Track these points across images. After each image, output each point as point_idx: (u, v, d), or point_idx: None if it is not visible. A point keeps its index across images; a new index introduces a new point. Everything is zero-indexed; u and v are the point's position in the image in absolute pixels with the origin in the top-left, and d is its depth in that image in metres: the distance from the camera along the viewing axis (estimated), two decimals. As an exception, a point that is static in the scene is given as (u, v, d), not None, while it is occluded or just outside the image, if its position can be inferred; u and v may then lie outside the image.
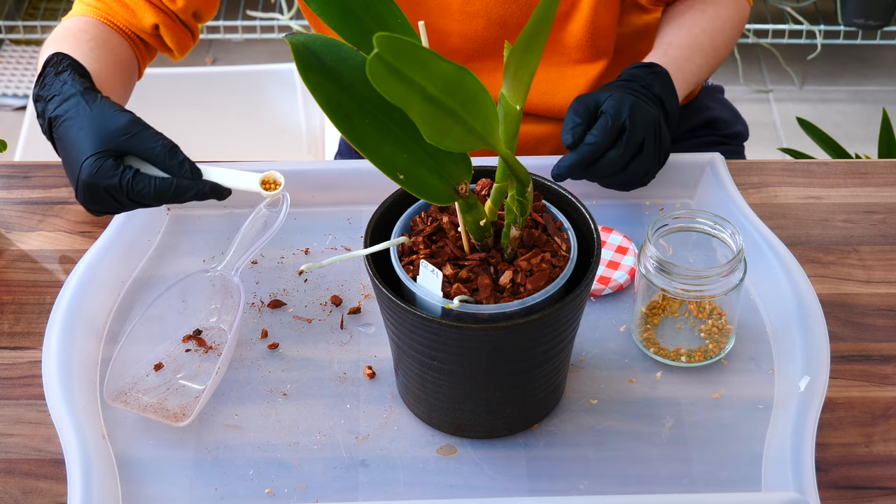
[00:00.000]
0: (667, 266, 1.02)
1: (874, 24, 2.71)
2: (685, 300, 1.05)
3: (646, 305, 1.07)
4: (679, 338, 1.07)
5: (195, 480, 0.99)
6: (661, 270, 1.03)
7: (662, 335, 1.07)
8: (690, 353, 1.06)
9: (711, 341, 1.07)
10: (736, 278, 1.03)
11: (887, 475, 1.00)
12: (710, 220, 1.06)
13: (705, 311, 1.07)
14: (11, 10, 2.94)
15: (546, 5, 0.78)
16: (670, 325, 1.07)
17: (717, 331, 1.07)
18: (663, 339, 1.07)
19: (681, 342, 1.07)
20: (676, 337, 1.07)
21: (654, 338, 1.07)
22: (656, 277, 1.03)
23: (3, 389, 1.07)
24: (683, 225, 1.07)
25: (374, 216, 0.98)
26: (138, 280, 1.16)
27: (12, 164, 1.31)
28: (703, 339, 1.07)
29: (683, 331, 1.07)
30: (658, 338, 1.07)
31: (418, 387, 1.00)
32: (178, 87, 2.42)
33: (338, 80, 0.83)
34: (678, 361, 1.07)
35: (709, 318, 1.07)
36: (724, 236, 1.05)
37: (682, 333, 1.07)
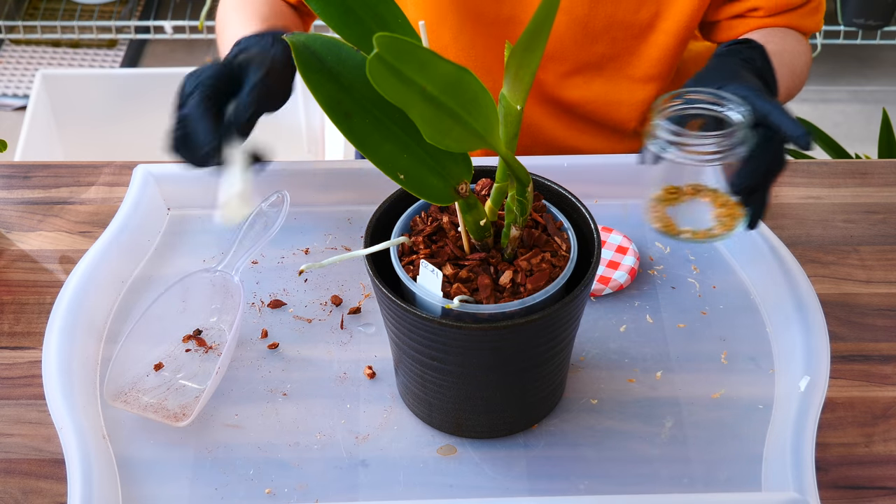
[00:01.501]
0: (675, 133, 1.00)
1: (874, 24, 2.71)
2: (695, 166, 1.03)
3: (657, 192, 1.06)
4: (691, 220, 1.06)
5: (195, 480, 0.99)
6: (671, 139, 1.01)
7: (674, 217, 1.07)
8: (695, 232, 1.05)
9: (720, 224, 1.05)
10: (744, 146, 1.01)
11: (887, 475, 1.00)
12: (711, 97, 1.04)
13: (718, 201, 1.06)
14: (11, 10, 2.94)
15: (547, 5, 0.78)
16: (685, 207, 1.06)
17: (727, 216, 1.05)
18: (674, 220, 1.07)
19: (691, 224, 1.06)
20: (688, 219, 1.06)
21: (665, 218, 1.06)
22: (667, 151, 1.01)
23: (3, 389, 1.07)
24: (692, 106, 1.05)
25: (374, 216, 0.98)
26: (138, 280, 1.16)
27: (12, 164, 1.31)
28: (710, 221, 1.05)
29: (697, 212, 1.06)
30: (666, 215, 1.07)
31: (418, 387, 1.00)
32: (177, 87, 2.42)
33: (338, 79, 0.83)
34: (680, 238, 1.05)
35: (722, 206, 1.05)
36: (725, 113, 1.03)
37: (696, 214, 1.06)
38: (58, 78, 2.41)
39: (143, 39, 2.96)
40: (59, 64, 2.90)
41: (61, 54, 2.92)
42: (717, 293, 1.14)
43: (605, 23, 1.30)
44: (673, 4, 1.29)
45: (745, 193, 1.02)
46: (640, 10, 1.29)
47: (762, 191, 1.03)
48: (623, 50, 1.32)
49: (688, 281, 1.16)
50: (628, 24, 1.30)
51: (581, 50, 1.32)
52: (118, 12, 2.95)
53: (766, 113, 1.02)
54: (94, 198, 1.26)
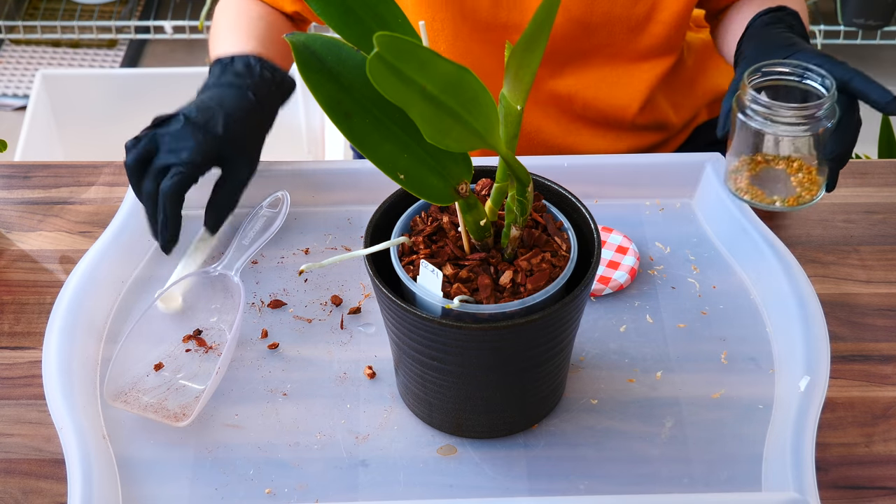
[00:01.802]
0: (765, 105, 1.06)
1: (874, 24, 2.71)
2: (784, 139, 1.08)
3: (739, 159, 1.11)
4: (774, 189, 1.11)
5: (195, 480, 0.99)
6: (762, 109, 1.06)
7: (757, 186, 1.11)
8: (784, 200, 1.10)
9: (804, 189, 1.10)
10: (832, 117, 1.06)
11: (887, 475, 1.00)
12: (800, 70, 1.09)
13: (794, 167, 1.10)
14: (11, 10, 2.94)
15: (547, 6, 0.78)
16: (765, 175, 1.11)
17: (809, 182, 1.10)
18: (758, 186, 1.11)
19: (776, 193, 1.10)
20: (771, 187, 1.11)
21: (748, 187, 1.11)
22: (754, 120, 1.07)
23: (3, 389, 1.07)
24: (775, 78, 1.10)
25: (374, 216, 0.98)
26: (138, 280, 1.16)
27: (12, 164, 1.31)
28: (795, 188, 1.10)
29: (778, 180, 1.10)
30: (752, 186, 1.11)
31: (418, 387, 1.00)
32: (178, 87, 2.41)
33: (338, 79, 0.83)
34: (772, 206, 1.11)
35: (799, 172, 1.10)
36: (813, 85, 1.08)
37: (776, 184, 1.11)
38: (58, 78, 2.42)
39: (143, 39, 2.96)
40: (59, 64, 2.90)
41: (61, 54, 2.92)
42: (717, 293, 1.14)
43: (602, 19, 1.30)
44: None
45: (839, 159, 1.09)
46: (637, 5, 1.30)
47: (847, 157, 1.10)
48: (620, 41, 1.33)
49: (688, 281, 1.16)
50: (625, 17, 1.31)
51: (578, 43, 1.32)
52: (118, 12, 2.95)
53: (849, 80, 1.08)
54: (94, 198, 1.26)
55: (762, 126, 1.07)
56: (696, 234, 1.21)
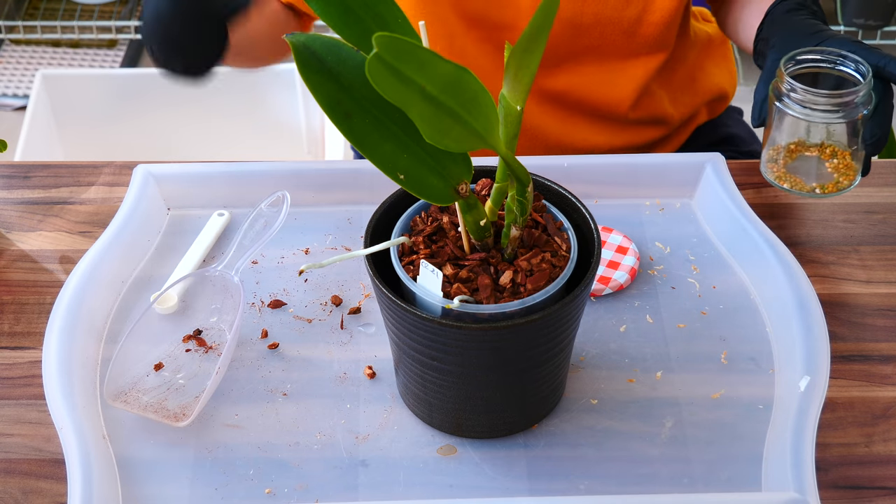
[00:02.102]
0: (803, 92, 1.07)
1: (874, 24, 2.71)
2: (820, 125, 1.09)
3: (775, 148, 1.12)
4: (811, 176, 1.12)
5: (195, 480, 0.99)
6: (800, 96, 1.07)
7: (794, 174, 1.12)
8: (824, 186, 1.11)
9: (841, 175, 1.11)
10: (869, 103, 1.07)
11: (887, 475, 1.00)
12: (834, 57, 1.10)
13: (827, 153, 1.11)
14: (11, 10, 2.94)
15: (547, 6, 0.78)
16: (800, 163, 1.12)
17: (844, 167, 1.11)
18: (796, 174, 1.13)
19: (813, 180, 1.12)
20: (806, 174, 1.12)
21: (786, 175, 1.12)
22: (792, 108, 1.08)
23: (3, 389, 1.07)
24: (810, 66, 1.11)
25: (374, 216, 0.98)
26: (138, 280, 1.16)
27: (12, 164, 1.31)
28: (831, 174, 1.11)
29: (813, 167, 1.12)
30: (790, 175, 1.12)
31: (418, 387, 1.00)
32: (177, 87, 2.41)
33: (338, 79, 0.83)
34: (812, 193, 1.12)
35: (833, 158, 1.11)
36: (848, 71, 1.09)
37: (812, 171, 1.12)
38: (58, 78, 2.42)
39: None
40: (59, 64, 2.90)
41: (61, 54, 2.92)
42: (717, 293, 1.14)
43: (592, 20, 1.31)
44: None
45: (877, 144, 1.10)
46: (628, 7, 1.30)
47: (885, 141, 1.10)
48: (611, 41, 1.33)
49: (688, 281, 1.16)
50: (616, 19, 1.31)
51: (570, 44, 1.33)
52: (118, 12, 2.95)
53: (883, 65, 1.08)
54: (94, 198, 1.26)
55: (800, 114, 1.08)
56: (696, 234, 1.21)
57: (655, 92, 1.42)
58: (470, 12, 1.32)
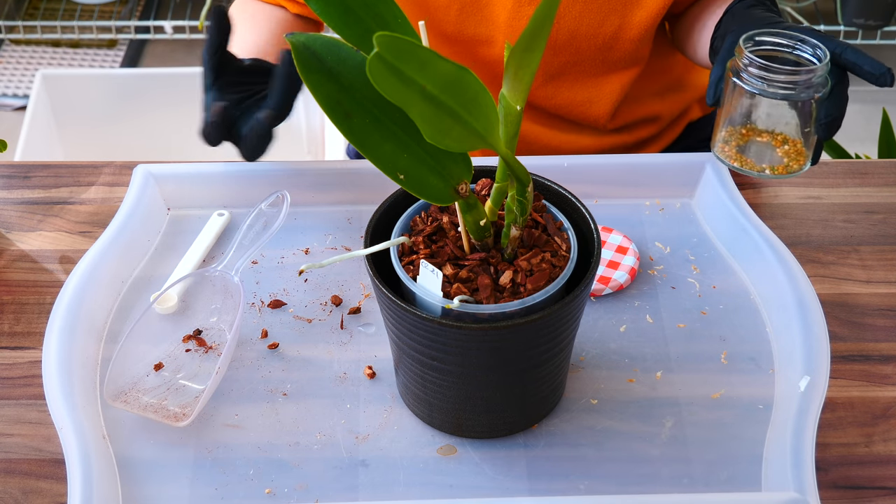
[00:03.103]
0: (761, 68, 1.07)
1: (874, 24, 2.71)
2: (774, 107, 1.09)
3: (729, 128, 1.12)
4: (762, 158, 1.12)
5: (195, 480, 0.99)
6: (758, 72, 1.07)
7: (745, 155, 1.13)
8: (774, 168, 1.11)
9: (791, 160, 1.11)
10: (824, 85, 1.07)
11: (887, 475, 1.00)
12: (793, 40, 1.10)
13: (779, 140, 1.11)
14: (11, 10, 2.94)
15: (547, 5, 0.78)
16: (752, 146, 1.12)
17: (795, 153, 1.11)
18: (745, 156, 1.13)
19: (764, 162, 1.12)
20: (758, 157, 1.12)
21: (736, 155, 1.12)
22: (749, 84, 1.08)
23: (3, 389, 1.07)
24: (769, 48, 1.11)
25: (374, 216, 0.98)
26: (138, 280, 1.16)
27: (12, 164, 1.31)
28: (782, 158, 1.11)
29: (765, 152, 1.12)
30: (740, 154, 1.13)
31: (418, 387, 1.00)
32: (178, 87, 2.42)
33: (338, 79, 0.83)
34: (762, 174, 1.11)
35: (784, 144, 1.11)
36: (806, 56, 1.09)
37: (764, 155, 1.12)
38: (58, 78, 2.42)
39: (143, 39, 2.96)
40: (59, 64, 2.90)
41: (61, 54, 2.93)
42: (717, 293, 1.14)
43: (567, 37, 1.31)
44: (635, 14, 1.30)
45: (828, 127, 1.09)
46: (604, 24, 1.31)
47: (838, 125, 1.10)
48: (587, 58, 1.34)
49: (688, 281, 1.16)
50: (591, 35, 1.31)
51: (545, 62, 1.33)
52: (118, 12, 2.95)
53: (841, 52, 1.08)
54: (94, 198, 1.26)
55: (757, 90, 1.08)
56: (696, 234, 1.21)
57: (637, 98, 1.42)
58: (444, 29, 1.32)
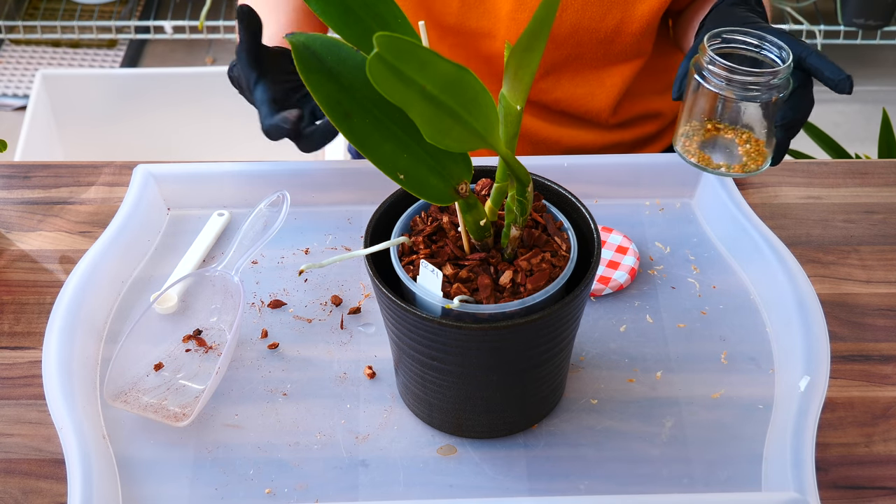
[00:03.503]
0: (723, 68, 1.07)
1: (874, 24, 2.71)
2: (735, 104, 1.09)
3: (690, 124, 1.12)
4: (721, 156, 1.12)
5: (195, 480, 0.99)
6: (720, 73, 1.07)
7: (705, 152, 1.13)
8: (730, 166, 1.11)
9: (750, 159, 1.11)
10: (785, 87, 1.08)
11: (887, 475, 1.00)
12: (758, 39, 1.10)
13: (743, 138, 1.12)
14: (11, 10, 2.94)
15: (547, 5, 0.78)
16: (712, 144, 1.12)
17: (755, 153, 1.11)
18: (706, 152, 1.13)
19: (723, 160, 1.12)
20: (718, 154, 1.12)
21: (696, 151, 1.12)
22: (711, 83, 1.08)
23: (3, 389, 1.07)
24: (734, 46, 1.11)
25: (374, 216, 0.98)
26: (138, 280, 1.16)
27: (12, 164, 1.31)
28: (741, 157, 1.11)
29: (726, 149, 1.12)
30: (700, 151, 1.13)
31: (418, 387, 1.00)
32: (178, 87, 2.42)
33: (338, 79, 0.83)
34: (717, 171, 1.11)
35: (747, 143, 1.11)
36: (770, 56, 1.09)
37: (724, 152, 1.12)
38: (58, 78, 2.42)
39: (143, 39, 2.96)
40: (59, 64, 2.90)
41: (61, 54, 2.92)
42: (717, 293, 1.14)
43: (569, 30, 1.31)
44: (636, 8, 1.30)
45: (787, 128, 1.09)
46: (605, 18, 1.31)
47: (797, 128, 1.10)
48: (588, 51, 1.34)
49: (688, 281, 1.16)
50: (593, 29, 1.31)
51: (546, 55, 1.33)
52: (118, 12, 2.95)
53: (805, 56, 1.08)
54: (94, 198, 1.26)
55: (718, 89, 1.08)
56: (696, 234, 1.21)
57: (639, 94, 1.42)
58: (445, 21, 1.32)
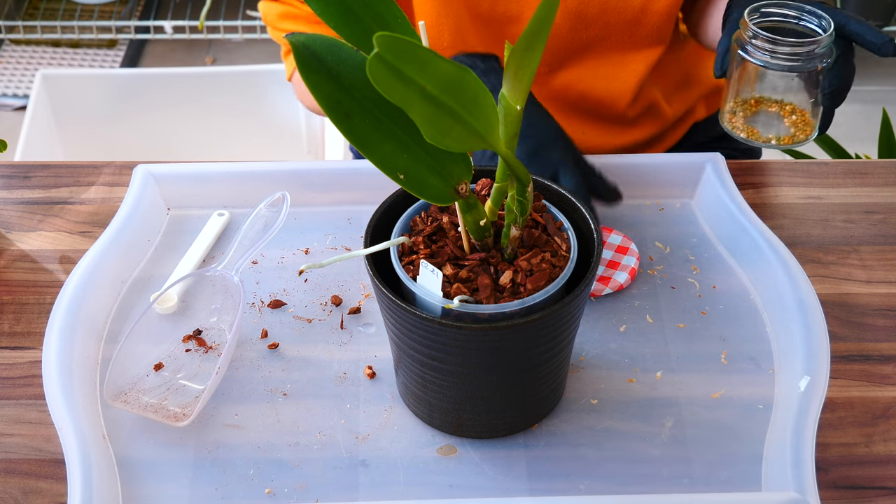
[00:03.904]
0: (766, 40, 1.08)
1: (874, 24, 2.71)
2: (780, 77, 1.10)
3: (735, 99, 1.13)
4: (769, 129, 1.13)
5: (195, 480, 0.99)
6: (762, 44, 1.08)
7: (752, 126, 1.14)
8: (780, 139, 1.12)
9: (798, 130, 1.12)
10: (828, 56, 1.09)
11: (887, 475, 1.00)
12: (797, 11, 1.12)
13: (787, 110, 1.13)
14: (11, 10, 2.94)
15: (547, 5, 0.78)
16: (760, 117, 1.14)
17: (802, 123, 1.12)
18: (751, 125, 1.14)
19: (771, 132, 1.13)
20: (765, 128, 1.14)
21: (743, 126, 1.13)
22: (755, 56, 1.09)
23: (3, 389, 1.07)
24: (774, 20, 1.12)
25: (374, 216, 0.98)
26: (138, 280, 1.16)
27: (12, 164, 1.31)
28: (789, 129, 1.12)
29: (772, 122, 1.13)
30: (747, 125, 1.14)
31: (418, 387, 1.00)
32: (178, 87, 2.42)
33: (338, 79, 0.83)
34: (768, 144, 1.13)
35: (792, 115, 1.12)
36: (810, 26, 1.11)
37: (771, 125, 1.13)
38: (58, 78, 2.42)
39: (143, 39, 2.96)
40: (59, 64, 2.90)
41: (61, 54, 2.93)
42: (717, 293, 1.14)
43: (598, 10, 1.31)
44: None
45: (833, 97, 1.11)
46: None
47: (843, 94, 1.12)
48: (615, 32, 1.34)
49: (688, 281, 1.16)
50: (621, 9, 1.32)
51: (575, 36, 1.33)
52: (118, 12, 2.95)
53: (845, 23, 1.10)
54: (94, 198, 1.26)
55: (763, 62, 1.09)
56: (696, 234, 1.21)
57: (651, 89, 1.42)
58: (480, 9, 1.33)
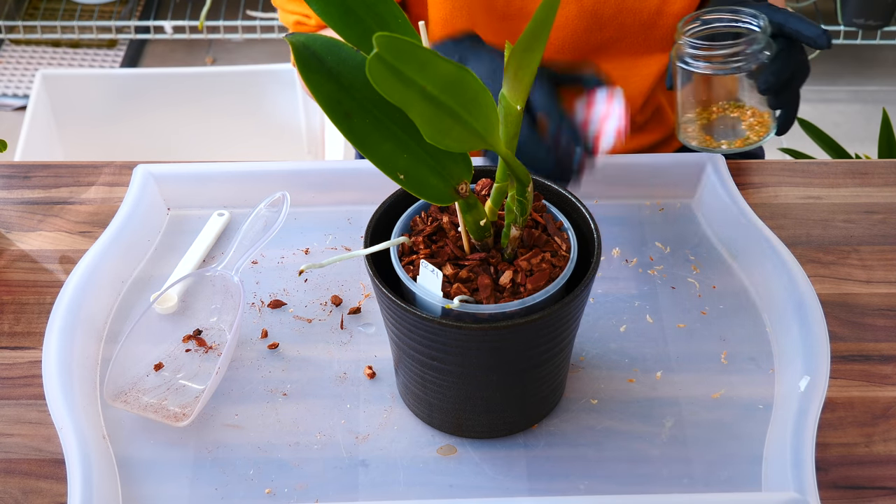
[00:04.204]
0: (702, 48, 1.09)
1: (874, 24, 2.71)
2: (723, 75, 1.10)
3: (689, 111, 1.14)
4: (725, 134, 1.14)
5: (195, 480, 0.99)
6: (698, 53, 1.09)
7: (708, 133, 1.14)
8: (731, 143, 1.13)
9: (752, 132, 1.13)
10: (765, 54, 1.09)
11: (887, 475, 1.00)
12: (732, 13, 1.12)
13: (748, 114, 1.13)
14: (11, 10, 2.94)
15: (547, 6, 0.78)
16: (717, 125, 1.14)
17: (758, 125, 1.13)
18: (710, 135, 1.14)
19: (725, 138, 1.13)
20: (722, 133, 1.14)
21: (697, 134, 1.14)
22: (693, 66, 1.10)
23: (3, 389, 1.07)
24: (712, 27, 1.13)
25: (374, 216, 0.98)
26: (138, 280, 1.16)
27: (12, 164, 1.31)
28: (744, 131, 1.13)
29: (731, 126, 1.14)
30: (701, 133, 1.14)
31: (418, 387, 1.00)
32: (178, 87, 2.42)
33: (338, 79, 0.83)
34: (719, 149, 1.13)
35: (750, 117, 1.13)
36: (747, 25, 1.11)
37: (730, 128, 1.14)
38: (58, 78, 2.42)
39: (143, 39, 2.96)
40: (59, 64, 2.90)
41: (61, 54, 2.92)
42: (717, 293, 1.14)
43: (614, 10, 1.31)
44: None
45: (773, 94, 1.11)
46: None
47: (788, 92, 1.12)
48: (630, 34, 1.34)
49: (688, 281, 1.16)
50: (637, 9, 1.31)
51: (590, 36, 1.33)
52: (118, 12, 2.95)
53: (782, 21, 1.10)
54: (94, 198, 1.26)
55: (702, 69, 1.09)
56: (696, 234, 1.21)
57: (658, 93, 1.42)
58: (495, 5, 1.32)
